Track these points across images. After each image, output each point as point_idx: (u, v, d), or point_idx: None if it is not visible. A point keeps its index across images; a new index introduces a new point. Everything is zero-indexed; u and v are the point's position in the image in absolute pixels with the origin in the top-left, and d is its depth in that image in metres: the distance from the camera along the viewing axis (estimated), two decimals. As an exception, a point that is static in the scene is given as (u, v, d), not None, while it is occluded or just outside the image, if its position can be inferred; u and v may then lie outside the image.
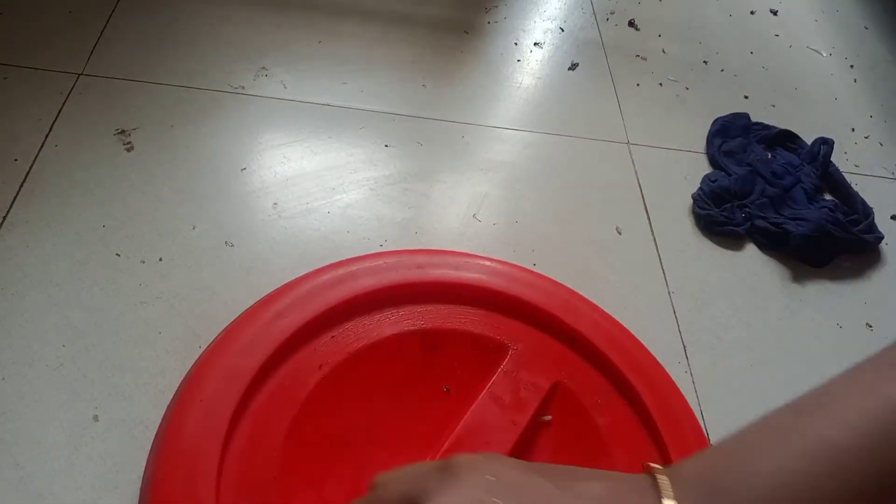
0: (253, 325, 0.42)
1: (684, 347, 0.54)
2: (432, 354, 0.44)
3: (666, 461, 0.41)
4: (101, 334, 0.45)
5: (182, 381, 0.42)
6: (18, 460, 0.40)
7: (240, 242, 0.52)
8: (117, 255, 0.49)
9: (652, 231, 0.61)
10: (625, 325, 0.47)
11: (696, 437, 0.42)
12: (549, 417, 0.42)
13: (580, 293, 0.48)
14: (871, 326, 0.59)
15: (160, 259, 0.49)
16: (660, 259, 0.59)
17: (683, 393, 0.49)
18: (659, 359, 0.52)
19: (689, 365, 0.53)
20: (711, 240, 0.62)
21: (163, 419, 0.40)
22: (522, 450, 0.41)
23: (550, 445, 0.42)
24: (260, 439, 0.38)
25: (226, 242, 0.51)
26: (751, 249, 0.63)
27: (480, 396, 0.42)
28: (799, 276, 0.61)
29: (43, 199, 0.51)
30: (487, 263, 0.48)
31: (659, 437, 0.41)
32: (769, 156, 0.72)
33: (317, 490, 0.38)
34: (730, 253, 0.62)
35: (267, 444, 0.38)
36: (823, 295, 0.60)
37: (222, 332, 0.43)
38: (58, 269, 0.48)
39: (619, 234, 0.60)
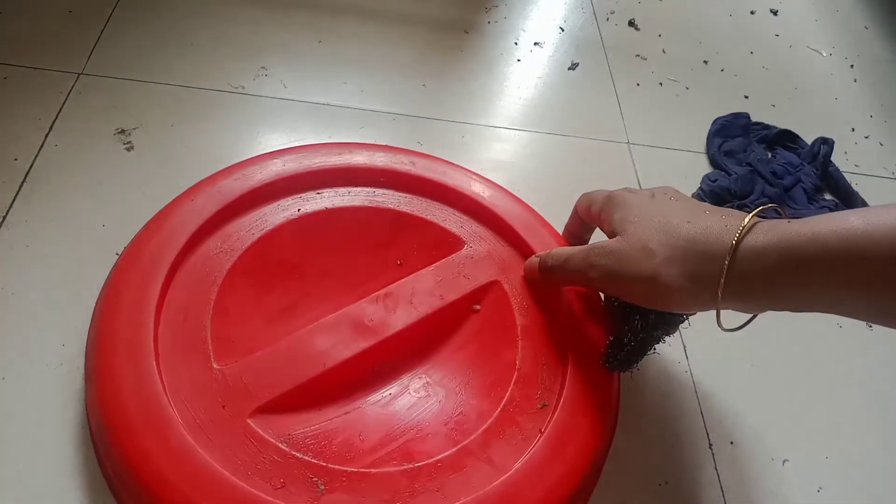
0: (257, 163, 0.49)
1: (684, 347, 0.54)
2: (399, 233, 0.50)
3: (564, 359, 0.45)
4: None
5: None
6: (19, 460, 0.40)
7: (240, 242, 0.52)
8: (117, 254, 0.49)
9: (652, 231, 0.61)
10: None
11: (597, 347, 0.46)
12: (478, 307, 0.47)
13: (551, 223, 0.52)
14: (871, 326, 0.59)
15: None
16: (660, 259, 0.59)
17: (683, 391, 0.51)
18: (659, 359, 0.52)
19: (688, 364, 0.53)
20: (711, 240, 0.62)
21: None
22: (447, 323, 0.47)
23: (472, 329, 0.47)
24: (226, 242, 0.46)
25: (226, 242, 0.51)
26: (751, 249, 0.63)
27: (423, 270, 0.47)
28: (799, 275, 0.61)
29: (43, 198, 0.51)
30: (475, 177, 0.54)
31: (564, 341, 0.46)
32: (769, 155, 0.72)
33: (258, 295, 0.45)
34: (730, 253, 0.62)
35: (230, 247, 0.46)
36: (823, 295, 0.60)
37: (232, 164, 0.50)
38: (58, 268, 0.48)
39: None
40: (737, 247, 0.35)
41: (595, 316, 0.47)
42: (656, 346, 0.44)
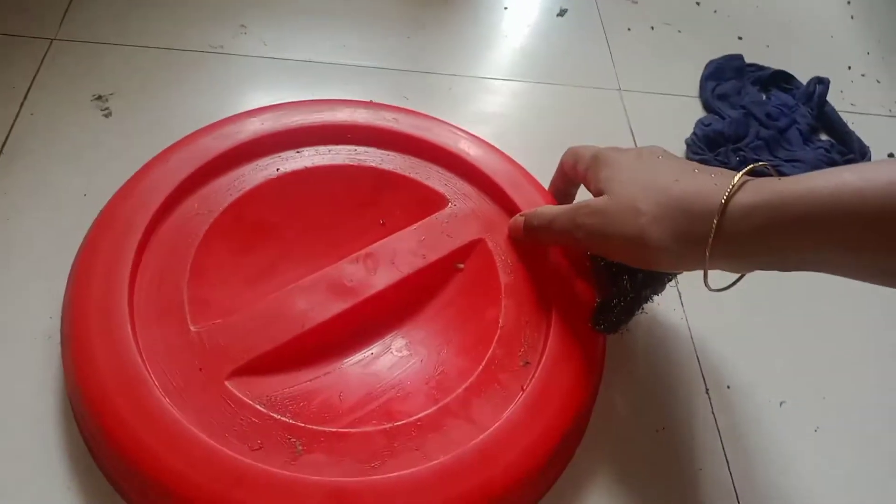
0: (234, 122, 0.48)
1: (679, 294, 0.53)
2: (381, 191, 0.49)
3: (548, 316, 0.44)
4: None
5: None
6: (13, 434, 0.40)
7: (225, 205, 0.51)
8: None
9: (645, 179, 0.60)
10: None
11: (583, 305, 0.45)
12: (461, 266, 0.47)
13: (536, 178, 0.51)
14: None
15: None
16: (653, 207, 0.58)
17: (679, 337, 0.51)
18: (654, 306, 0.52)
19: (684, 311, 0.52)
20: (706, 185, 0.61)
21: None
22: (430, 282, 0.46)
23: (456, 288, 0.46)
24: (203, 203, 0.45)
25: (210, 206, 0.50)
26: (746, 194, 0.62)
27: (405, 229, 0.47)
28: (795, 218, 0.60)
29: (22, 170, 0.50)
30: (459, 132, 0.52)
31: (548, 299, 0.45)
32: (763, 97, 0.70)
33: (235, 256, 0.45)
34: (725, 198, 0.61)
35: (207, 209, 0.45)
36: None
37: (208, 125, 0.49)
38: (41, 240, 0.47)
39: (612, 183, 0.59)
40: (726, 206, 0.34)
41: (581, 274, 0.46)
42: (644, 305, 0.44)
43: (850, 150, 0.66)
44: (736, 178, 0.34)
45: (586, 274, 0.46)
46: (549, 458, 0.39)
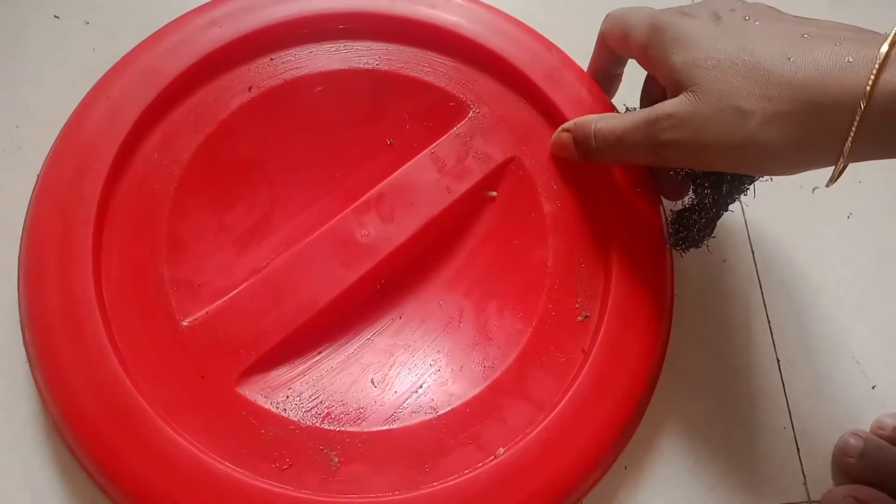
0: (182, 29, 0.37)
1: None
2: (383, 101, 0.39)
3: (606, 254, 0.37)
4: (57, 110, 0.37)
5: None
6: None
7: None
8: (56, 16, 0.42)
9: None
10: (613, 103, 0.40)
11: (650, 235, 0.38)
12: (494, 193, 0.39)
13: (574, 59, 0.40)
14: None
15: (107, 18, 0.42)
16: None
17: None
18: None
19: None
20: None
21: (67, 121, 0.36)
22: (457, 220, 0.38)
23: (489, 222, 0.39)
24: (166, 150, 0.36)
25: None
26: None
27: (420, 155, 0.38)
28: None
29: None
30: (473, 6, 0.40)
31: (605, 230, 0.37)
32: None
33: (218, 214, 0.37)
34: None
35: (172, 156, 0.36)
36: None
37: (149, 36, 0.38)
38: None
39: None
40: (872, 92, 0.26)
41: (641, 187, 0.37)
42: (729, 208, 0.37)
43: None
44: (883, 49, 0.26)
45: (648, 187, 0.38)
46: (623, 431, 0.34)
